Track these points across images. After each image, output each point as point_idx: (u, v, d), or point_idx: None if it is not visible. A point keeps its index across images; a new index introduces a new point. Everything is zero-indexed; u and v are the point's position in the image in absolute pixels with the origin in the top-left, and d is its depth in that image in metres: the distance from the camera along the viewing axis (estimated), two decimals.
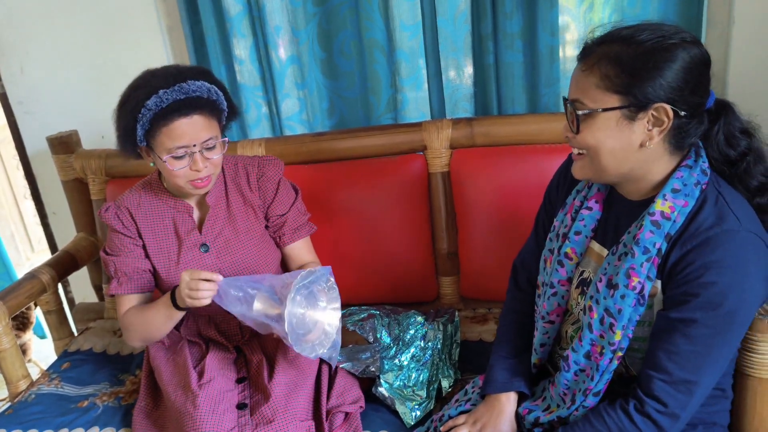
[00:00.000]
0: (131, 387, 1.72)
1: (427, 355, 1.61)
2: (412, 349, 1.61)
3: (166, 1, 2.15)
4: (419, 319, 1.70)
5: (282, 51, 2.06)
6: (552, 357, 1.34)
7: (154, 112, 1.34)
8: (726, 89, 1.86)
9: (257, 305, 1.31)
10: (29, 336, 2.70)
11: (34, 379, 1.84)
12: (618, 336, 1.11)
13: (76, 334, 2.10)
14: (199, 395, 1.39)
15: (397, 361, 1.57)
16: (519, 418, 1.30)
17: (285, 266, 1.66)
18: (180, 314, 1.43)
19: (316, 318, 1.36)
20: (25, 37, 2.22)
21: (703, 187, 1.07)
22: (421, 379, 1.56)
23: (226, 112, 1.48)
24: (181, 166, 1.40)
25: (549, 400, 1.26)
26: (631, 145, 1.06)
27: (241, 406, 1.42)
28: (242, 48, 2.09)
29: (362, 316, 1.64)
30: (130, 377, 1.77)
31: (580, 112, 1.07)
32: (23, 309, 1.92)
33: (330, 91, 2.14)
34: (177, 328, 1.59)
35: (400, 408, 1.48)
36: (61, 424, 1.60)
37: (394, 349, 1.59)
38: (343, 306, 1.46)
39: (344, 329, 1.57)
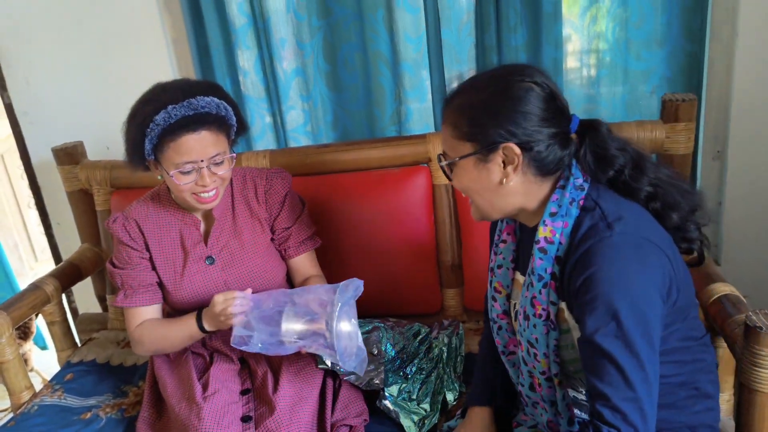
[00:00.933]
0: (134, 399, 1.71)
1: (431, 368, 1.61)
2: (417, 362, 1.61)
3: (171, 13, 2.16)
4: (423, 331, 1.70)
5: (286, 63, 2.07)
6: None
7: (162, 127, 1.35)
8: (730, 102, 1.86)
9: (289, 324, 1.32)
10: (29, 345, 2.69)
11: (37, 389, 1.83)
12: (544, 364, 1.12)
13: (79, 344, 2.09)
14: (203, 407, 1.39)
15: (401, 373, 1.57)
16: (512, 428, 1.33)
17: (289, 279, 1.66)
18: (202, 335, 1.48)
19: (347, 330, 1.38)
20: (31, 48, 2.23)
21: (580, 203, 1.07)
22: (425, 391, 1.55)
23: (235, 127, 1.49)
24: (187, 181, 1.41)
25: (538, 420, 1.27)
26: (492, 184, 1.10)
27: (245, 419, 1.41)
28: (247, 60, 2.10)
29: (367, 328, 1.64)
30: (134, 389, 1.76)
31: (442, 163, 1.15)
32: None
33: (334, 103, 2.15)
34: None
35: (404, 421, 1.47)
36: None
37: (398, 361, 1.59)
38: None
39: None
